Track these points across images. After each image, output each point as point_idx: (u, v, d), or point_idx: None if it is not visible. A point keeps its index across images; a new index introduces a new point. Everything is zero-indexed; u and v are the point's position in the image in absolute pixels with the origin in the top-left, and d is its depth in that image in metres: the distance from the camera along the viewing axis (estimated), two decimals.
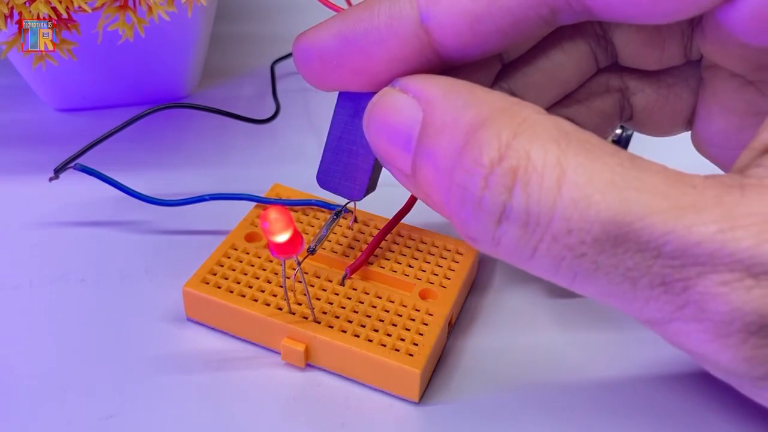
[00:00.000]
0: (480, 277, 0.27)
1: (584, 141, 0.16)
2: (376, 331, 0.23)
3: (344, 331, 0.23)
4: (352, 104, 0.22)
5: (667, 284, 0.16)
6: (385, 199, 0.28)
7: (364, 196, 0.22)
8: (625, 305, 0.16)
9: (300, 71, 0.21)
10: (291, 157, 0.32)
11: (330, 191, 0.23)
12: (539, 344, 0.25)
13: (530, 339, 0.25)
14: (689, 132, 0.24)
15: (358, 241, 0.26)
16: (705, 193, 0.15)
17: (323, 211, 0.27)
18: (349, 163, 0.22)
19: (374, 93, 0.20)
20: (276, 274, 0.24)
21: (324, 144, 0.22)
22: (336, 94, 0.22)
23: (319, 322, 0.23)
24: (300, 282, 0.24)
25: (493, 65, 0.23)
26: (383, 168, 0.21)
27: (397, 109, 0.18)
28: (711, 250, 0.15)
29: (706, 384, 0.23)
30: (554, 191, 0.16)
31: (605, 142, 0.16)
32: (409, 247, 0.26)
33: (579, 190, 0.15)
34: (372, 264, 0.25)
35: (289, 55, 0.38)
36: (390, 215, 0.26)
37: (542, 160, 0.16)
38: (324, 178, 0.23)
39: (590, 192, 0.15)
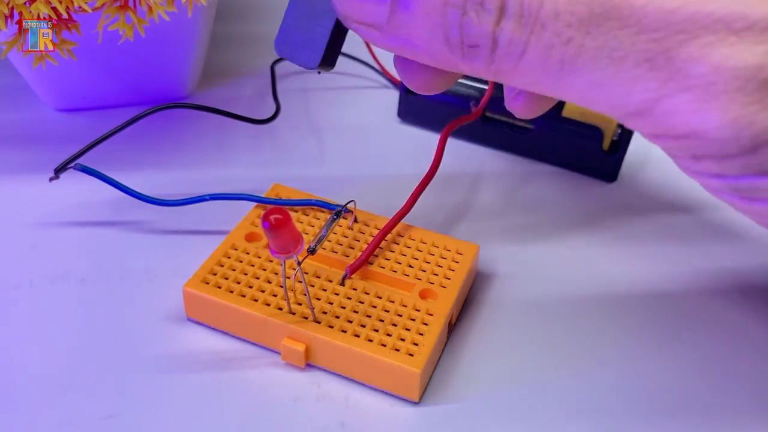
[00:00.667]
0: (480, 277, 0.27)
1: None
2: (376, 331, 0.23)
3: (344, 331, 0.23)
4: None
5: (651, 60, 0.16)
6: (385, 199, 0.28)
7: (320, 66, 0.22)
8: (612, 93, 0.16)
9: None
10: (291, 157, 0.32)
11: (286, 58, 0.22)
12: (539, 344, 0.25)
13: (530, 339, 0.25)
14: None
15: (358, 241, 0.26)
16: None
17: (323, 211, 0.27)
18: (307, 29, 0.22)
19: None
20: (276, 274, 0.24)
21: (283, 16, 0.22)
22: None
23: (319, 322, 0.23)
24: (300, 282, 0.24)
25: None
26: (344, 41, 0.22)
27: None
28: (689, 14, 0.15)
29: (708, 383, 0.23)
30: None
31: None
32: (409, 247, 0.26)
33: None
34: (372, 264, 0.25)
35: None
36: (390, 215, 0.26)
37: None
38: (281, 45, 0.22)
39: None
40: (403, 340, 0.22)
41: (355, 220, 0.27)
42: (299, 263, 0.22)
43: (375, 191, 0.29)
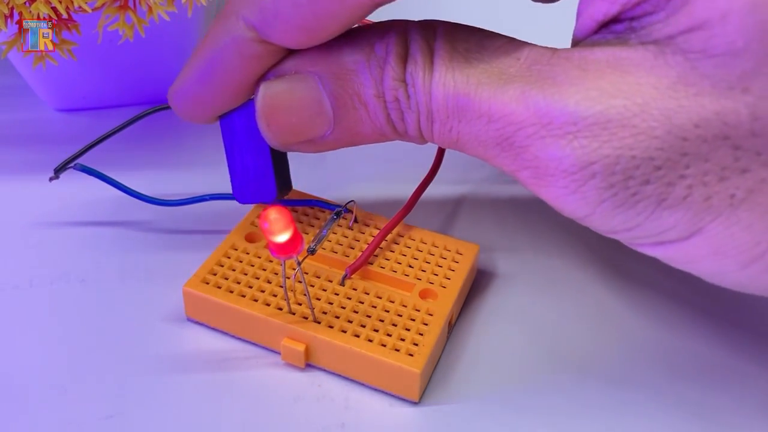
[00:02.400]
0: (480, 277, 0.27)
1: (449, 30, 0.21)
2: (376, 331, 0.23)
3: (344, 331, 0.23)
4: (234, 119, 0.24)
5: (500, 144, 0.20)
6: (385, 199, 0.28)
7: (281, 194, 0.25)
8: (491, 163, 0.20)
9: (183, 116, 0.24)
10: (291, 157, 0.32)
11: (250, 203, 0.25)
12: (539, 344, 0.25)
13: (530, 339, 0.25)
14: None
15: (358, 241, 0.26)
16: (525, 64, 0.19)
17: (323, 211, 0.27)
18: (253, 171, 0.24)
19: (243, 103, 0.23)
20: (276, 274, 0.24)
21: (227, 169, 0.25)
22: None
23: (319, 322, 0.23)
24: (300, 282, 0.24)
25: None
26: (287, 162, 0.26)
27: (292, 89, 0.21)
28: (513, 109, 0.19)
29: (710, 383, 0.23)
30: (430, 78, 0.20)
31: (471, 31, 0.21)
32: (409, 247, 0.26)
33: (441, 72, 0.20)
34: (372, 264, 0.25)
35: None
36: (390, 215, 0.26)
37: (423, 55, 0.20)
38: (240, 195, 0.25)
39: (446, 73, 0.20)
40: (403, 340, 0.22)
41: (355, 220, 0.27)
42: (299, 263, 0.22)
43: (375, 191, 0.29)
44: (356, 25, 0.21)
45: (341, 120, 0.21)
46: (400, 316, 0.23)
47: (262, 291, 0.24)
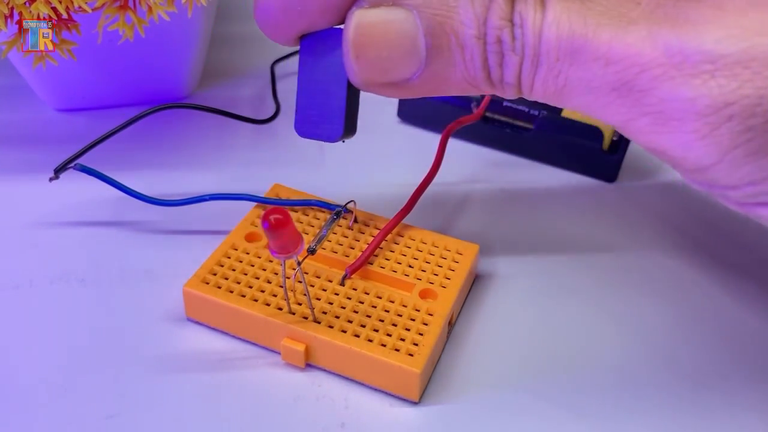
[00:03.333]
0: (480, 278, 0.27)
1: None
2: (376, 331, 0.23)
3: (344, 331, 0.23)
4: (316, 44, 0.22)
5: (617, 89, 0.18)
6: (385, 199, 0.28)
7: (343, 137, 0.23)
8: (596, 114, 0.19)
9: (265, 29, 0.21)
10: (291, 157, 0.32)
11: (310, 138, 0.23)
12: (539, 344, 0.25)
13: (530, 339, 0.25)
14: None
15: (358, 241, 0.26)
16: (648, 8, 0.18)
17: (323, 211, 0.27)
18: (323, 104, 0.22)
19: (333, 27, 0.21)
20: (276, 274, 0.24)
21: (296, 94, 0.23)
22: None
23: (319, 322, 0.23)
24: (300, 282, 0.24)
25: None
26: (359, 104, 0.23)
27: (388, 20, 0.20)
28: (639, 50, 0.18)
29: (712, 384, 0.23)
30: (541, 17, 0.19)
31: None
32: (409, 247, 0.26)
33: (552, 13, 0.19)
34: (372, 264, 0.25)
35: (289, 55, 0.38)
36: (390, 215, 0.26)
37: (530, 5, 0.19)
38: (302, 127, 0.23)
39: (559, 14, 0.18)
40: (403, 340, 0.22)
41: (355, 220, 0.26)
42: (299, 263, 0.22)
43: (375, 191, 0.29)
44: None
45: (432, 62, 0.20)
46: (400, 316, 0.23)
47: (262, 291, 0.24)
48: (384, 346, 0.22)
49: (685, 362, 0.24)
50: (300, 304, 0.23)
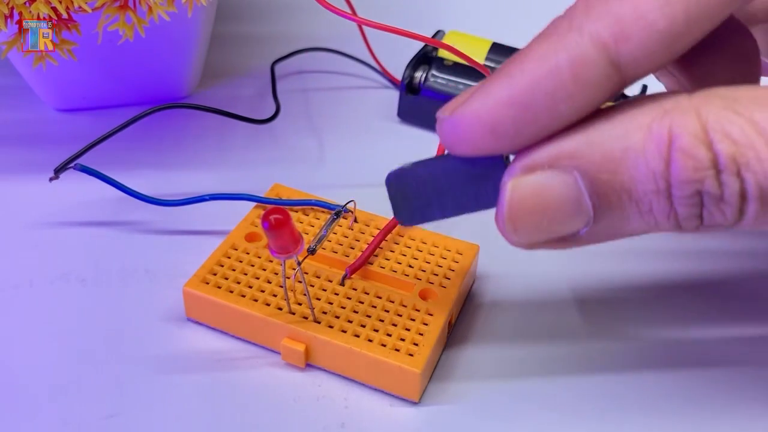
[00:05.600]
0: (480, 278, 0.27)
1: (746, 94, 0.16)
2: (376, 331, 0.23)
3: (344, 331, 0.23)
4: (471, 167, 0.19)
5: None
6: (385, 199, 0.28)
7: (410, 225, 0.21)
8: None
9: (457, 146, 0.18)
10: (291, 157, 0.32)
11: (389, 195, 0.21)
12: (539, 344, 0.25)
13: (530, 339, 0.25)
14: None
15: (358, 241, 0.26)
16: None
17: (323, 211, 0.27)
18: (428, 199, 0.20)
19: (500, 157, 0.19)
20: (276, 274, 0.24)
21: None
22: None
23: (319, 322, 0.23)
24: (300, 282, 0.24)
25: None
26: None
27: (546, 187, 0.18)
28: None
29: (713, 383, 0.23)
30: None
31: (756, 87, 0.17)
32: (409, 247, 0.26)
33: None
34: (372, 264, 0.25)
35: (289, 55, 0.38)
36: (390, 215, 0.26)
37: (743, 133, 0.16)
38: (394, 181, 0.21)
39: None
40: (403, 340, 0.22)
41: (355, 220, 0.27)
42: (299, 263, 0.22)
43: (375, 191, 0.29)
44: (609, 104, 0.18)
45: (603, 218, 0.18)
46: (400, 316, 0.23)
47: (262, 291, 0.24)
48: (384, 346, 0.22)
49: (690, 361, 0.24)
50: (300, 304, 0.23)
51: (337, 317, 0.23)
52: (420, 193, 0.20)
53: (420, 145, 0.33)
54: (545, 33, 0.17)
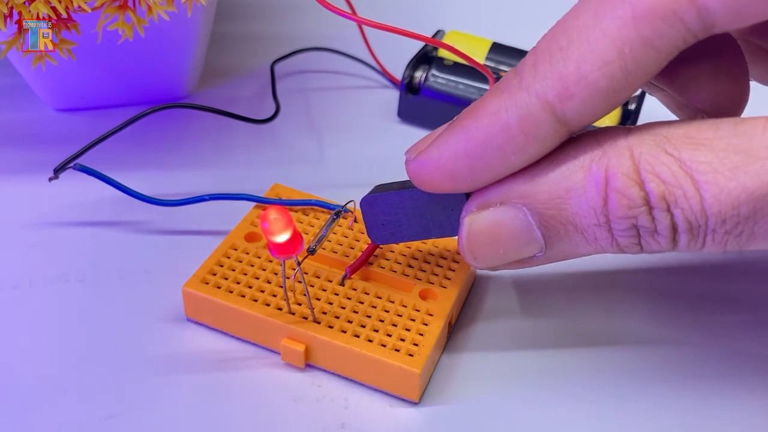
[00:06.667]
0: (480, 277, 0.27)
1: (678, 132, 0.18)
2: (376, 331, 0.23)
3: (344, 332, 0.23)
4: (437, 199, 0.22)
5: None
6: None
7: (382, 244, 0.24)
8: None
9: (422, 185, 0.21)
10: (291, 157, 0.32)
11: (363, 216, 0.23)
12: (539, 344, 0.25)
13: (530, 339, 0.25)
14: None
15: (358, 241, 0.26)
16: None
17: (323, 211, 0.27)
18: (398, 223, 0.23)
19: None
20: (276, 274, 0.24)
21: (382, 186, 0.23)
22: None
23: (319, 322, 0.23)
24: (300, 282, 0.24)
25: None
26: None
27: (499, 222, 0.20)
28: None
29: (713, 384, 0.23)
30: (698, 197, 0.17)
31: (690, 123, 0.18)
32: (409, 247, 0.26)
33: (715, 186, 0.17)
34: (372, 264, 0.25)
35: (289, 55, 0.38)
36: None
37: (671, 173, 0.18)
38: (367, 206, 0.23)
39: (723, 183, 0.17)
40: (402, 340, 0.22)
41: (355, 220, 0.27)
42: (299, 263, 0.22)
43: None
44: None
45: (553, 245, 0.20)
46: (400, 316, 0.23)
47: (262, 291, 0.24)
48: (384, 346, 0.22)
49: (692, 362, 0.24)
50: (300, 304, 0.23)
51: (337, 317, 0.23)
52: (390, 218, 0.23)
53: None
54: (498, 88, 0.19)
